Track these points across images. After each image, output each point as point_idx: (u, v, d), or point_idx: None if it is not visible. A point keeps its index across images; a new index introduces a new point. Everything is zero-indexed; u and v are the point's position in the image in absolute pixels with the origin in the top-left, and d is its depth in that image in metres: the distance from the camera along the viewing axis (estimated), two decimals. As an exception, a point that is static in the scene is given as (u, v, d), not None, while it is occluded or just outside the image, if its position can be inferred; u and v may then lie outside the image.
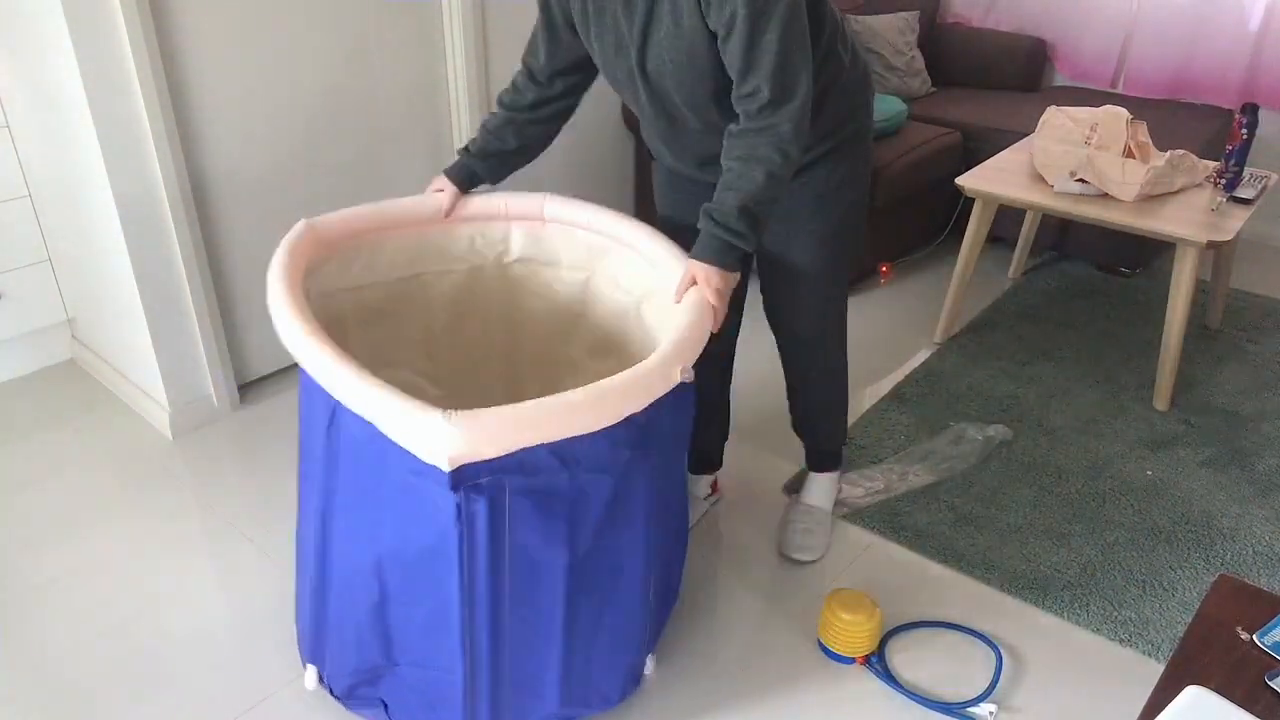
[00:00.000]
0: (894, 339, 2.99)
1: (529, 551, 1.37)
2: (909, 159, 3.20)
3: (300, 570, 1.67)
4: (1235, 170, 2.66)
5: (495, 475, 1.28)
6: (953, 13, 4.20)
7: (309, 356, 1.39)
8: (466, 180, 1.86)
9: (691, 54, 1.53)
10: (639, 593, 1.56)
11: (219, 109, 2.34)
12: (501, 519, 1.33)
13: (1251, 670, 1.15)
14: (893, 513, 2.22)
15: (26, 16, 2.15)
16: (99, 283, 2.47)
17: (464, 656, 1.43)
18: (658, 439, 1.45)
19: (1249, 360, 2.88)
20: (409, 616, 1.45)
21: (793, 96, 1.51)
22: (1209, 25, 3.60)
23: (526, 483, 1.31)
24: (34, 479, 2.32)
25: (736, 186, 1.54)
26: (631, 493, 1.44)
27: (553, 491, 1.34)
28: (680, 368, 1.41)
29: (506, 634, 1.43)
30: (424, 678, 1.50)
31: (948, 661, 1.85)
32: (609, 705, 1.66)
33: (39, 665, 1.81)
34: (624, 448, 1.38)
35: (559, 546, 1.39)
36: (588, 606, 1.49)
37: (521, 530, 1.35)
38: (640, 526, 1.49)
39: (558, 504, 1.35)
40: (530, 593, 1.41)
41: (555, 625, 1.46)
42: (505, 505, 1.32)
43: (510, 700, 1.51)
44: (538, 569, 1.40)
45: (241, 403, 2.61)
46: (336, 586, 1.54)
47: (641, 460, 1.43)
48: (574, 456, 1.33)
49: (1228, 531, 2.18)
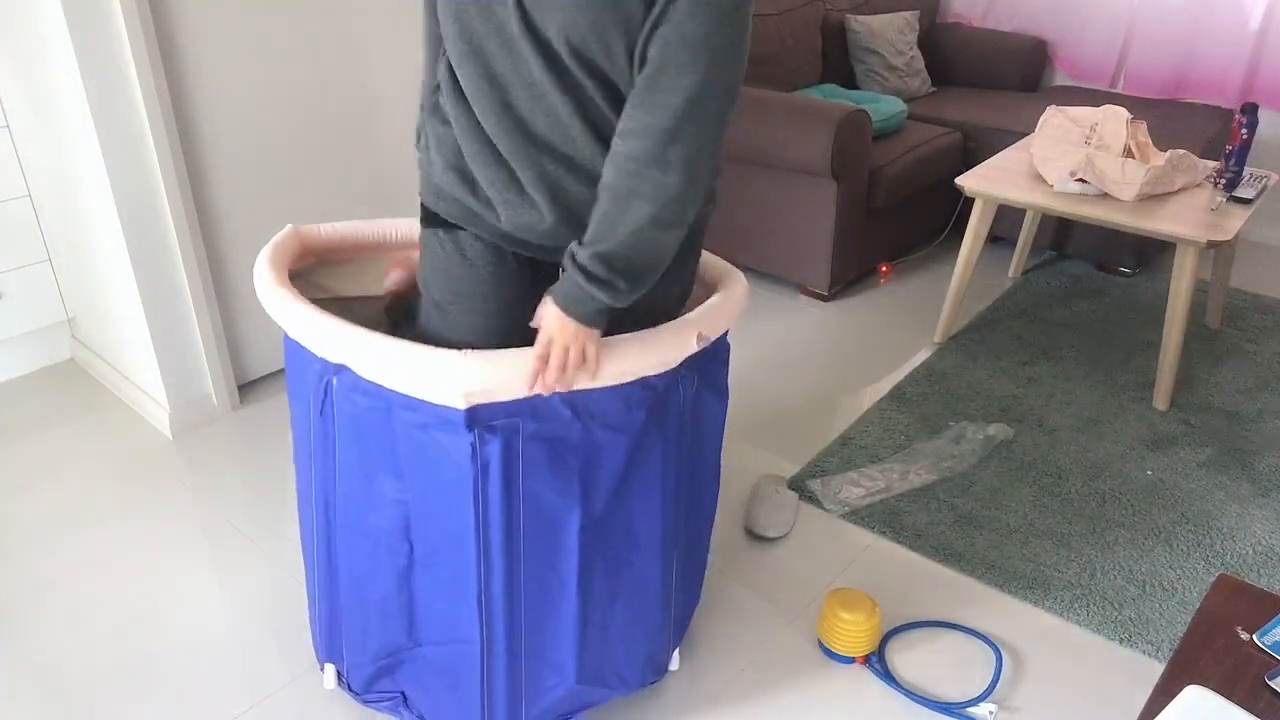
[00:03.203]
0: (894, 339, 2.99)
1: (542, 502, 1.40)
2: (909, 159, 3.20)
3: (309, 568, 1.67)
4: (1235, 170, 2.66)
5: (509, 418, 1.32)
6: (953, 13, 4.21)
7: (306, 324, 1.39)
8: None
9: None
10: (657, 570, 1.57)
11: (219, 109, 2.34)
12: (515, 464, 1.35)
13: (1251, 670, 1.15)
14: (893, 513, 2.22)
15: (26, 16, 2.15)
16: (99, 283, 2.47)
17: (480, 619, 1.44)
18: (676, 411, 1.47)
19: (1249, 360, 2.88)
20: (433, 578, 1.47)
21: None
22: (1209, 25, 3.60)
23: (539, 428, 1.34)
24: (34, 479, 2.32)
25: (608, 194, 1.29)
26: (647, 460, 1.46)
27: (565, 441, 1.37)
28: (697, 333, 1.42)
29: (522, 593, 1.45)
30: (444, 654, 1.51)
31: (948, 661, 1.85)
32: (627, 689, 1.65)
33: (39, 665, 1.81)
34: (639, 409, 1.40)
35: (572, 501, 1.41)
36: (603, 573, 1.50)
37: (534, 478, 1.37)
38: (657, 499, 1.51)
39: (570, 455, 1.38)
40: (544, 549, 1.43)
41: (570, 589, 1.48)
42: (518, 449, 1.35)
43: (528, 672, 1.52)
44: (551, 523, 1.42)
45: (241, 403, 2.61)
46: (350, 567, 1.55)
47: (658, 428, 1.44)
48: (586, 408, 1.36)
49: (1227, 531, 2.18)
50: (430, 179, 1.51)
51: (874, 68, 3.74)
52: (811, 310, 3.15)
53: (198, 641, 1.87)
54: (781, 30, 3.47)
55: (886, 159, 3.14)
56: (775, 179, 3.09)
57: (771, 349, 2.03)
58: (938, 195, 3.50)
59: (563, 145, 1.34)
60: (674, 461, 1.51)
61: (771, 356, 1.99)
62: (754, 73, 3.36)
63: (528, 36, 1.27)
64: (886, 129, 3.29)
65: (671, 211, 1.28)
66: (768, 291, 3.27)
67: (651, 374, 1.39)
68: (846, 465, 2.37)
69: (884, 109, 3.31)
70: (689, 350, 1.42)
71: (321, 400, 1.48)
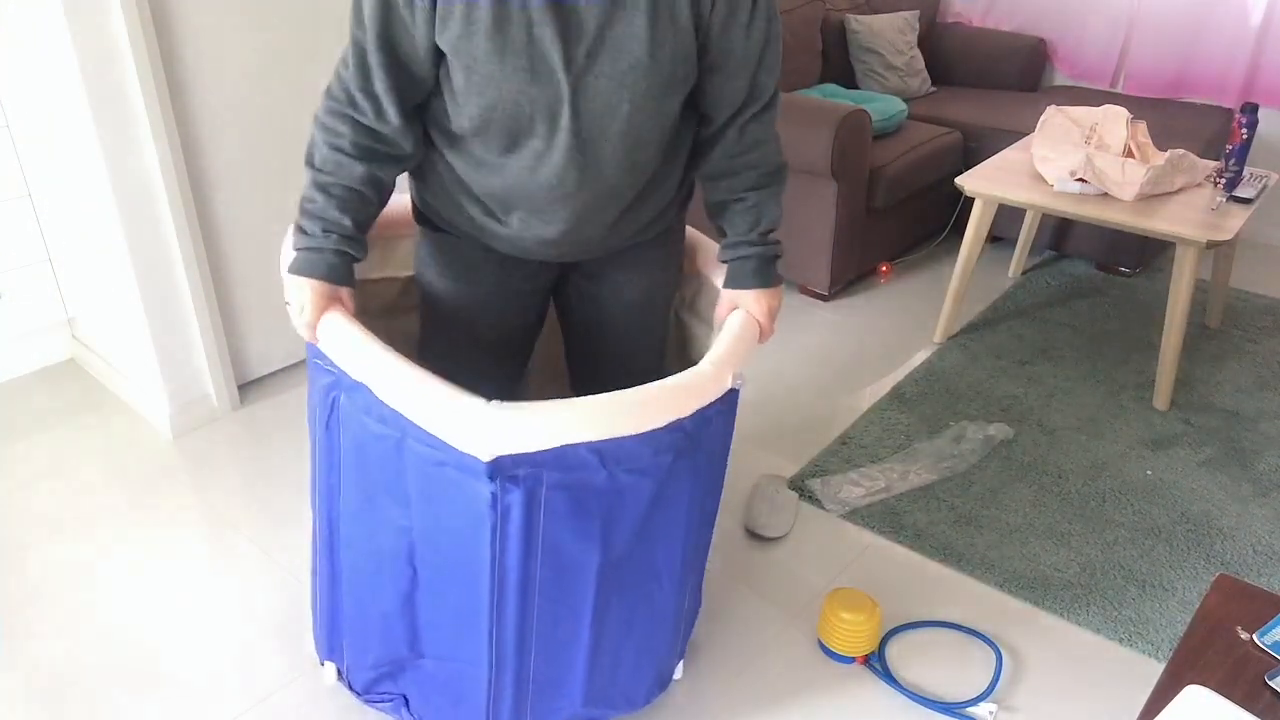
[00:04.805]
0: (894, 338, 2.99)
1: (562, 548, 1.35)
2: (909, 159, 3.20)
3: (314, 567, 1.67)
4: (1235, 170, 2.66)
5: (533, 469, 1.27)
6: (953, 12, 4.21)
7: (333, 337, 1.35)
8: (347, 273, 1.42)
9: (671, 57, 1.26)
10: (673, 602, 1.54)
11: (219, 108, 2.34)
12: (536, 513, 1.31)
13: (1251, 670, 1.15)
14: (893, 512, 2.22)
15: (26, 16, 2.15)
16: (99, 282, 2.47)
17: (490, 650, 1.42)
18: (705, 447, 1.42)
19: (1249, 360, 2.88)
20: (438, 606, 1.44)
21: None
22: (1209, 24, 3.60)
23: (563, 478, 1.29)
24: (34, 479, 2.32)
25: (752, 200, 1.46)
26: (673, 499, 1.41)
27: (589, 489, 1.32)
28: (734, 373, 1.39)
29: (534, 630, 1.42)
30: (448, 671, 1.49)
31: (948, 661, 1.85)
32: (634, 708, 1.65)
33: (39, 665, 1.81)
34: (667, 453, 1.35)
35: (593, 545, 1.37)
36: (619, 610, 1.47)
37: (555, 526, 1.33)
38: (680, 535, 1.47)
39: (594, 502, 1.33)
40: (561, 591, 1.40)
41: (583, 626, 1.45)
42: (541, 499, 1.30)
43: (534, 697, 1.50)
44: (570, 567, 1.38)
45: (241, 403, 2.61)
46: (352, 581, 1.54)
47: (686, 467, 1.40)
48: (614, 456, 1.30)
49: (1227, 531, 2.18)
50: (421, 196, 1.51)
51: (874, 68, 3.74)
52: (811, 310, 3.15)
53: (198, 641, 1.87)
54: (781, 30, 3.47)
55: (886, 159, 3.14)
56: (775, 179, 3.09)
57: (771, 349, 2.03)
58: (938, 195, 3.50)
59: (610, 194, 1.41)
60: (699, 495, 1.47)
61: (771, 356, 2.00)
62: (754, 73, 3.35)
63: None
64: (886, 129, 3.29)
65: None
66: (768, 291, 3.27)
67: (684, 416, 1.34)
68: (846, 465, 2.37)
69: (884, 109, 3.31)
70: (723, 391, 1.39)
71: (328, 415, 1.45)
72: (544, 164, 1.32)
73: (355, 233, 1.39)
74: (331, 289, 1.39)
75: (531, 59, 1.23)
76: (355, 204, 1.38)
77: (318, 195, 1.37)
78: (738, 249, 1.49)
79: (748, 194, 1.47)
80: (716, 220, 1.53)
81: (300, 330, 1.40)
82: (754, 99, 1.40)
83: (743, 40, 1.32)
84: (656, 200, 1.47)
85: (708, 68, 1.34)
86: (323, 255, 1.37)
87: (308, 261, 1.37)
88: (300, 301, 1.38)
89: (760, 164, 1.46)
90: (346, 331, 1.34)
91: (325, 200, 1.36)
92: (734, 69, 1.35)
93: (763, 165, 1.46)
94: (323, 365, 1.44)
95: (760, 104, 1.41)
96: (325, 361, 1.42)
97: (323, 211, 1.37)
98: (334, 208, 1.36)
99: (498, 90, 1.25)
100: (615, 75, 1.25)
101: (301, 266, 1.38)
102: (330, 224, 1.37)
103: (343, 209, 1.37)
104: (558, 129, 1.28)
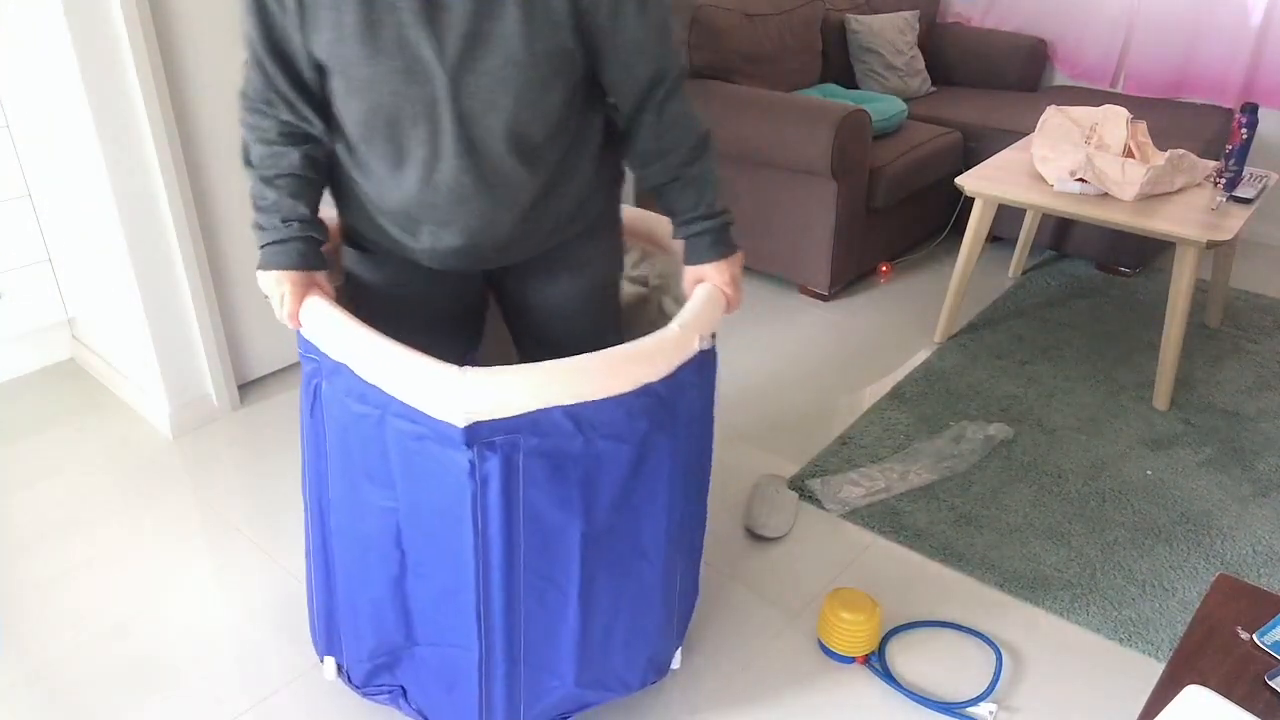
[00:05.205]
0: (894, 338, 2.99)
1: (543, 516, 1.37)
2: (909, 159, 3.20)
3: (308, 560, 1.68)
4: (1235, 170, 2.66)
5: (509, 435, 1.29)
6: (953, 12, 4.21)
7: (314, 321, 1.37)
8: (316, 259, 1.44)
9: (548, 51, 1.25)
10: (660, 576, 1.55)
11: (219, 108, 2.34)
12: (515, 479, 1.33)
13: (1251, 670, 1.15)
14: (893, 512, 2.22)
15: (26, 16, 2.15)
16: (99, 282, 2.47)
17: (479, 630, 1.43)
18: (683, 416, 1.45)
19: (1249, 360, 2.88)
20: (427, 588, 1.45)
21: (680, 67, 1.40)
22: (1209, 24, 3.60)
23: (540, 444, 1.31)
24: (34, 479, 2.32)
25: (690, 176, 1.45)
26: (654, 470, 1.43)
27: (566, 455, 1.34)
28: (699, 335, 1.41)
29: (522, 606, 1.43)
30: (440, 657, 1.50)
31: (948, 661, 1.85)
32: (628, 691, 1.65)
33: (39, 665, 1.81)
34: (641, 418, 1.37)
35: (573, 513, 1.39)
36: (606, 586, 1.48)
37: (535, 493, 1.35)
38: (663, 509, 1.48)
39: (571, 468, 1.35)
40: (545, 563, 1.41)
41: (571, 603, 1.46)
42: (518, 465, 1.32)
43: (525, 679, 1.51)
44: (552, 537, 1.40)
45: (241, 403, 2.61)
46: (344, 570, 1.54)
47: (662, 435, 1.42)
48: (589, 421, 1.33)
49: (1227, 531, 2.18)
50: (343, 218, 1.51)
51: (874, 67, 3.74)
52: (811, 310, 3.15)
53: (198, 641, 1.87)
54: (781, 30, 3.47)
55: (886, 159, 3.14)
56: (775, 179, 3.09)
57: (771, 349, 2.03)
58: (938, 195, 3.50)
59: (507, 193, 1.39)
60: (680, 467, 1.49)
61: (771, 356, 1.99)
62: (754, 72, 3.36)
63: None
64: (886, 129, 3.29)
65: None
66: (768, 291, 3.27)
67: (655, 380, 1.37)
68: (846, 465, 2.37)
69: (884, 109, 3.31)
70: (692, 353, 1.41)
71: (311, 403, 1.48)
72: (436, 172, 1.32)
73: (311, 216, 1.42)
74: (306, 275, 1.41)
75: (405, 60, 1.23)
76: (302, 189, 1.40)
77: (266, 190, 1.39)
78: (690, 225, 1.49)
79: (682, 170, 1.45)
80: (660, 202, 1.52)
81: (284, 320, 1.43)
82: (663, 77, 1.38)
83: (638, 25, 1.30)
84: (571, 193, 1.46)
85: (607, 58, 1.33)
86: (289, 245, 1.40)
87: (276, 254, 1.40)
88: (279, 294, 1.41)
89: (686, 139, 1.44)
90: (326, 313, 1.37)
91: (275, 193, 1.39)
92: (634, 55, 1.33)
93: (689, 139, 1.44)
94: (306, 354, 1.46)
95: (670, 80, 1.39)
96: (308, 350, 1.45)
97: (276, 204, 1.39)
98: (286, 196, 1.39)
99: (376, 93, 1.26)
100: (492, 71, 1.24)
101: (272, 260, 1.40)
102: (288, 213, 1.39)
103: (295, 195, 1.39)
104: (440, 130, 1.28)
